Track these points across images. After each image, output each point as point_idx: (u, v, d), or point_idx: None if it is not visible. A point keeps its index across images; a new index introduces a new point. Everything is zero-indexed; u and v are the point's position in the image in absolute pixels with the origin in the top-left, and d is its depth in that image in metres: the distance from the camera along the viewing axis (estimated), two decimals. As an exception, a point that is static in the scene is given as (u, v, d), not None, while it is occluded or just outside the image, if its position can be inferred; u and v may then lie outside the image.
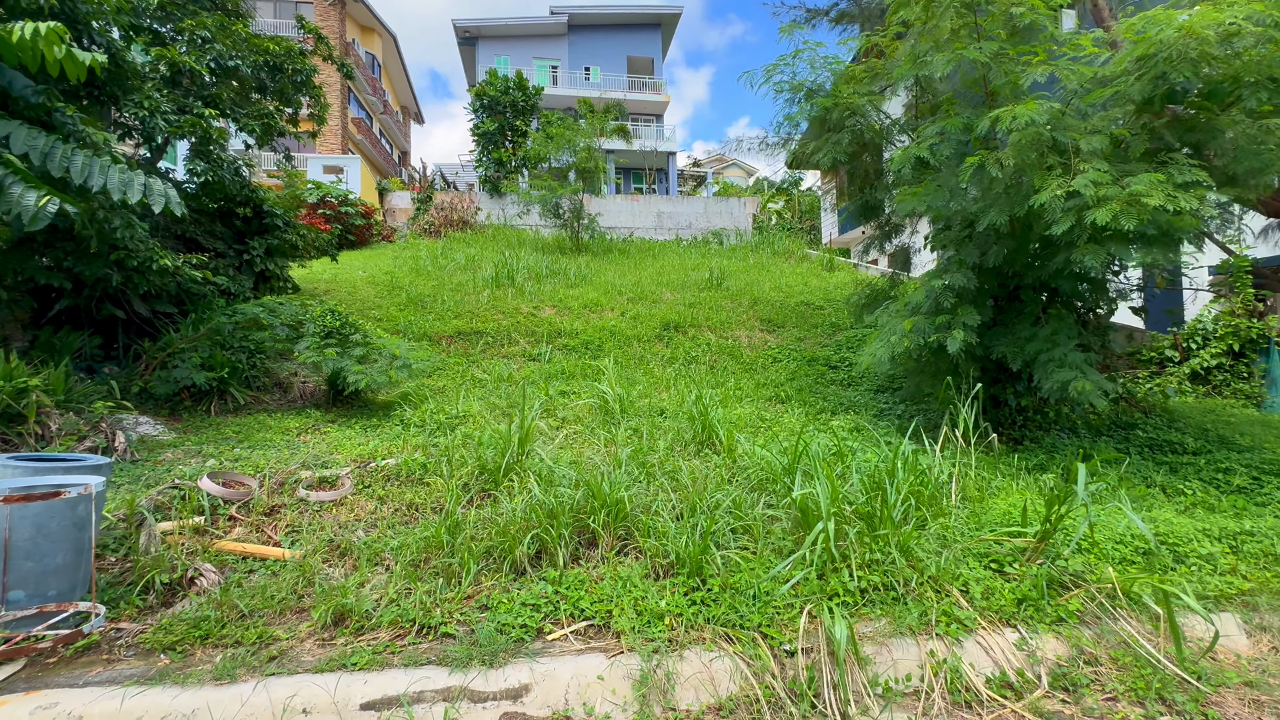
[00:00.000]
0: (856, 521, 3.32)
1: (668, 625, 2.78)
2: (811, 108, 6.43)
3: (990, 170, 4.35)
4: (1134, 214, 3.82)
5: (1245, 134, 3.95)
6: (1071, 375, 4.55)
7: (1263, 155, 3.88)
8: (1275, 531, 3.69)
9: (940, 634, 2.80)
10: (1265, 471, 4.52)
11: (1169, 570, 3.43)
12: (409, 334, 9.66)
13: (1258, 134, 3.90)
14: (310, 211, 16.32)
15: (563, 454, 4.98)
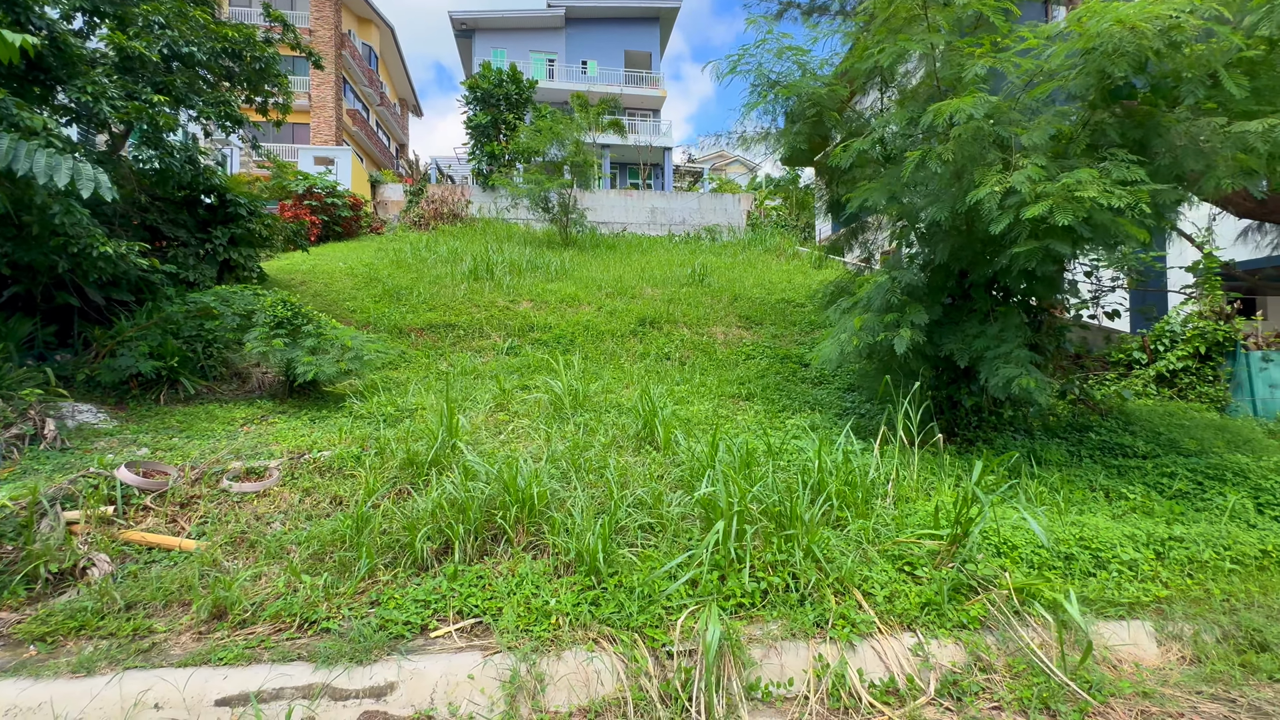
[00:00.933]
0: (765, 521, 3.25)
1: (553, 624, 2.72)
2: (775, 99, 6.32)
3: (932, 165, 4.26)
4: (1069, 209, 3.73)
5: (1188, 132, 3.85)
6: (1016, 372, 4.46)
7: (1206, 156, 3.77)
8: (1204, 538, 3.61)
9: (834, 638, 2.73)
10: (1209, 477, 4.43)
11: (1090, 576, 3.35)
12: (380, 326, 9.63)
13: (1198, 133, 3.79)
14: (296, 202, 16.29)
15: (502, 448, 4.93)
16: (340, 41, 26.63)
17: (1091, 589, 3.22)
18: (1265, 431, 5.58)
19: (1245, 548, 3.56)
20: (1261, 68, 3.91)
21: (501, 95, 23.87)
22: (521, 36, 30.08)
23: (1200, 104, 3.89)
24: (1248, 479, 4.28)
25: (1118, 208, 3.68)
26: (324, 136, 25.53)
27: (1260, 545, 3.59)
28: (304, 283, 11.74)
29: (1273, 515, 3.94)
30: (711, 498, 3.20)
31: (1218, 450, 4.86)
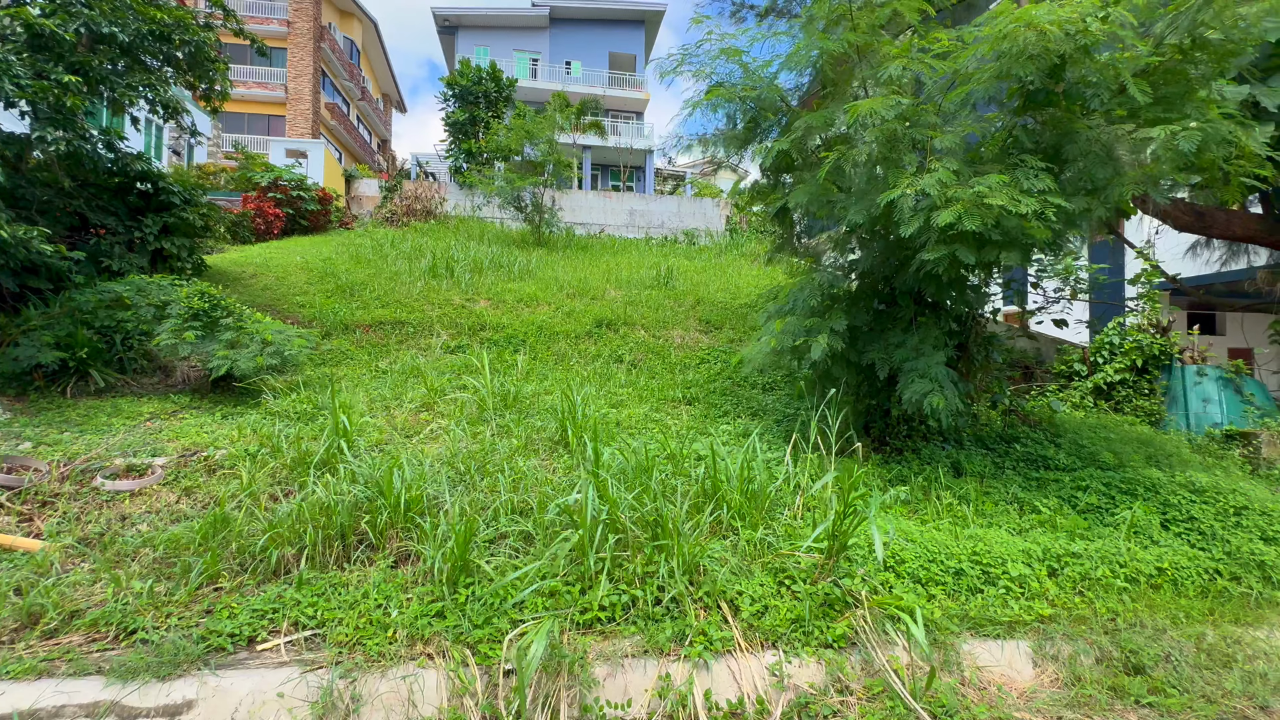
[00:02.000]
0: (637, 531, 3.11)
1: (390, 637, 2.56)
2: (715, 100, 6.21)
3: (845, 167, 4.16)
4: (977, 216, 3.64)
5: (1098, 140, 3.77)
6: (928, 388, 4.37)
7: (1114, 163, 3.69)
8: (1101, 554, 3.52)
9: (689, 655, 2.60)
10: (1121, 491, 4.35)
11: (977, 592, 3.25)
12: (327, 321, 9.40)
13: (1109, 140, 3.72)
14: (260, 194, 15.98)
15: (408, 450, 4.76)
16: (319, 34, 26.31)
17: (974, 606, 3.11)
18: (1191, 446, 5.54)
19: (1141, 565, 3.47)
20: (1171, 76, 3.85)
21: (481, 93, 23.68)
22: (505, 35, 29.91)
23: (1111, 110, 3.82)
24: (1158, 494, 4.21)
25: (1024, 214, 3.60)
26: (300, 129, 25.18)
27: (1157, 563, 3.51)
28: (255, 276, 11.48)
29: (1177, 532, 3.87)
30: (574, 507, 3.05)
31: (1135, 464, 4.80)
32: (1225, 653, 3.02)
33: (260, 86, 25.33)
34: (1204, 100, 3.75)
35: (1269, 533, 3.71)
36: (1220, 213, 6.68)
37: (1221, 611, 3.28)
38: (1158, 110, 3.68)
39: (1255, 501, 3.97)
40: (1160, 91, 3.84)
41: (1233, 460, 5.26)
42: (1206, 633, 3.12)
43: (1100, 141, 3.80)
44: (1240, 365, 6.23)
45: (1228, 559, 3.56)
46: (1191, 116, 3.54)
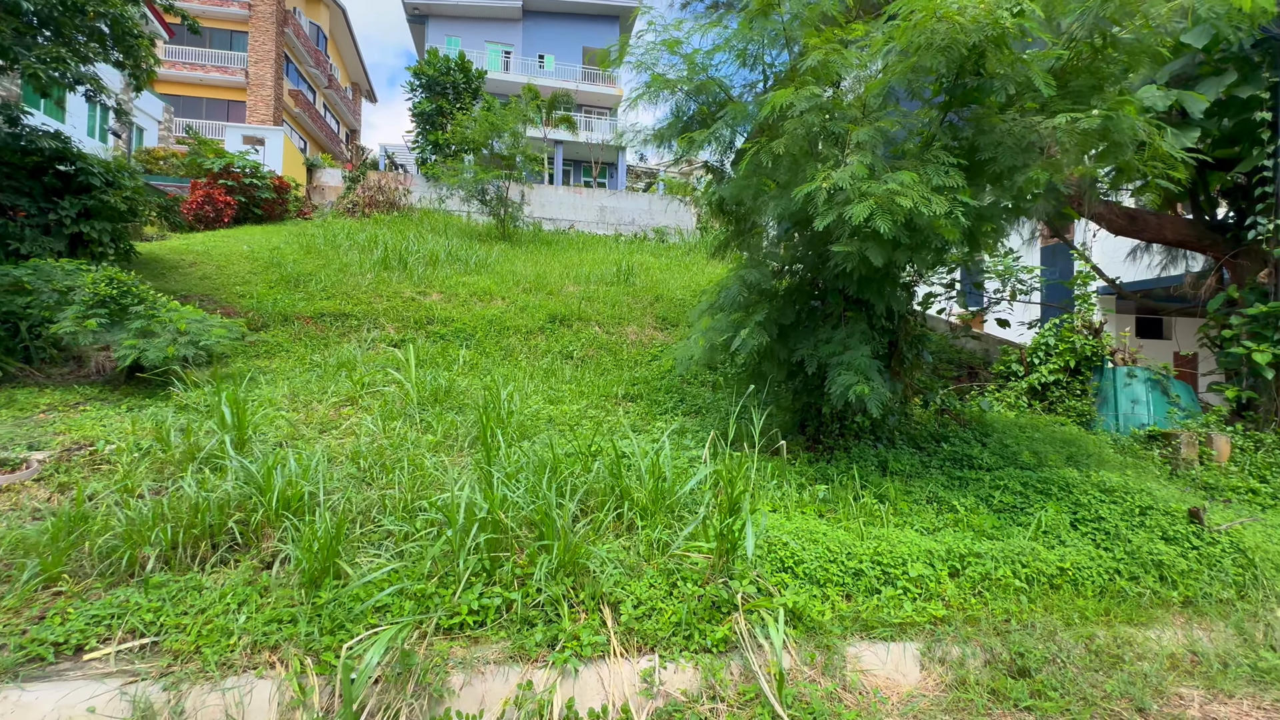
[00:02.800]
0: (520, 531, 2.97)
1: (232, 644, 2.38)
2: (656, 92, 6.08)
3: (763, 160, 4.07)
4: (888, 214, 3.57)
5: (1012, 132, 3.74)
6: (854, 380, 4.31)
7: (1023, 154, 3.66)
8: (1005, 554, 3.48)
9: (556, 662, 2.47)
10: (1037, 491, 4.35)
11: (875, 593, 3.18)
12: (266, 312, 9.06)
13: (1021, 133, 3.69)
14: (211, 181, 15.43)
15: (313, 445, 4.55)
16: (283, 18, 25.57)
17: (869, 607, 3.04)
18: (1116, 446, 5.60)
19: (1043, 565, 3.45)
20: (1083, 72, 3.84)
21: (449, 84, 23.24)
22: (477, 26, 29.44)
23: (1023, 104, 3.79)
24: (1071, 494, 4.21)
25: (934, 214, 3.54)
26: (261, 116, 24.45)
27: (1059, 563, 3.48)
28: (194, 265, 11.06)
29: (1084, 531, 3.86)
30: (449, 506, 2.89)
31: (1053, 464, 4.81)
32: (1114, 654, 3.00)
33: (219, 70, 24.54)
34: (1114, 96, 3.74)
35: (1170, 532, 3.72)
36: (1152, 216, 6.79)
37: (1116, 612, 3.27)
38: (1066, 104, 3.66)
39: (1160, 501, 3.99)
40: (1072, 85, 3.82)
41: (1152, 460, 5.33)
42: (1098, 634, 3.10)
43: (1013, 134, 3.77)
44: (1167, 367, 6.34)
45: (1128, 559, 3.56)
46: (1097, 108, 3.52)
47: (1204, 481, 5.01)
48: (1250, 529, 4.00)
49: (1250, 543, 3.77)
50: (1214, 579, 3.53)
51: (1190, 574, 3.52)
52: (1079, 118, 3.34)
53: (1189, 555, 3.62)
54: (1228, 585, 3.51)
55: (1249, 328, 5.67)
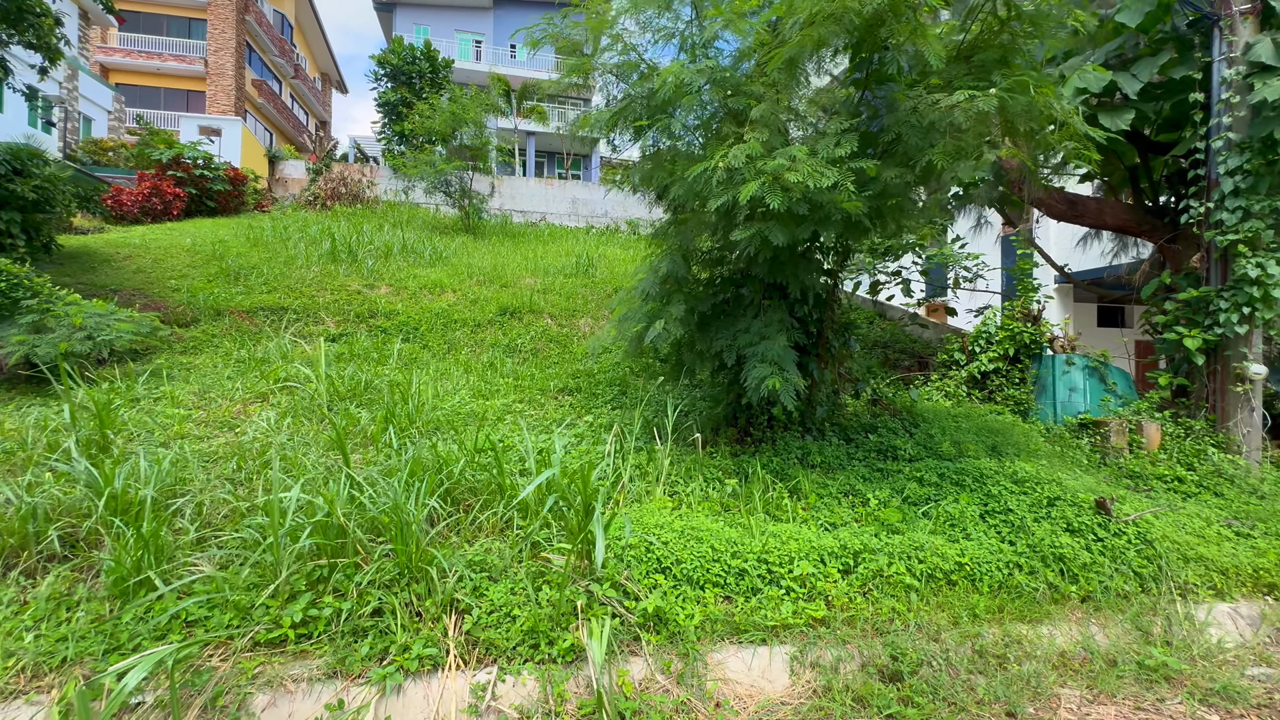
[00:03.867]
0: (362, 534, 2.76)
1: (8, 666, 2.15)
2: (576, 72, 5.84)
3: (661, 138, 3.86)
4: (778, 191, 3.38)
5: (915, 109, 3.56)
6: (768, 371, 4.13)
7: (926, 133, 3.49)
8: (901, 550, 3.33)
9: (376, 678, 2.26)
10: (953, 482, 4.21)
11: (755, 593, 3.01)
12: (199, 306, 8.72)
13: (925, 109, 3.51)
14: (159, 172, 14.92)
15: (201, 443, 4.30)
16: (244, 5, 24.84)
17: (745, 609, 2.87)
18: (1048, 436, 5.49)
19: (940, 561, 3.30)
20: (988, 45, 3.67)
21: (415, 73, 22.75)
22: (447, 14, 28.87)
23: (929, 81, 3.62)
24: (984, 485, 4.08)
25: (825, 187, 3.35)
26: (221, 106, 23.78)
27: (959, 558, 3.34)
28: (129, 258, 10.66)
29: (993, 524, 3.72)
30: (272, 507, 2.66)
31: (974, 454, 4.68)
32: (999, 654, 2.85)
33: (178, 59, 23.82)
34: (1021, 72, 3.58)
35: (1075, 523, 3.59)
36: (1091, 201, 6.68)
37: (1011, 608, 3.13)
38: (968, 80, 3.49)
39: (1069, 491, 3.87)
40: (976, 60, 3.66)
41: (1080, 449, 5.22)
42: (988, 632, 2.96)
43: (918, 111, 3.59)
44: (1105, 354, 6.24)
45: (1030, 552, 3.42)
46: (998, 84, 3.35)
47: (1130, 470, 4.91)
48: (1161, 519, 3.89)
49: (1158, 533, 3.65)
50: (1116, 572, 3.41)
51: (1092, 567, 3.39)
52: (975, 95, 3.17)
53: (1093, 548, 3.50)
54: (1130, 578, 3.39)
55: (1181, 313, 5.58)
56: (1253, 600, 3.59)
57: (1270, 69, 5.15)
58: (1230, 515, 4.34)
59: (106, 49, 23.27)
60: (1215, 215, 5.37)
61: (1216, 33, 5.43)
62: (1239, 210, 5.22)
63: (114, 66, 23.65)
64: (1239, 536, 4.10)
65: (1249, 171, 5.18)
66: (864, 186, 3.57)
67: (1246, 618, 3.45)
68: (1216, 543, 3.87)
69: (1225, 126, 5.34)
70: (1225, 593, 3.56)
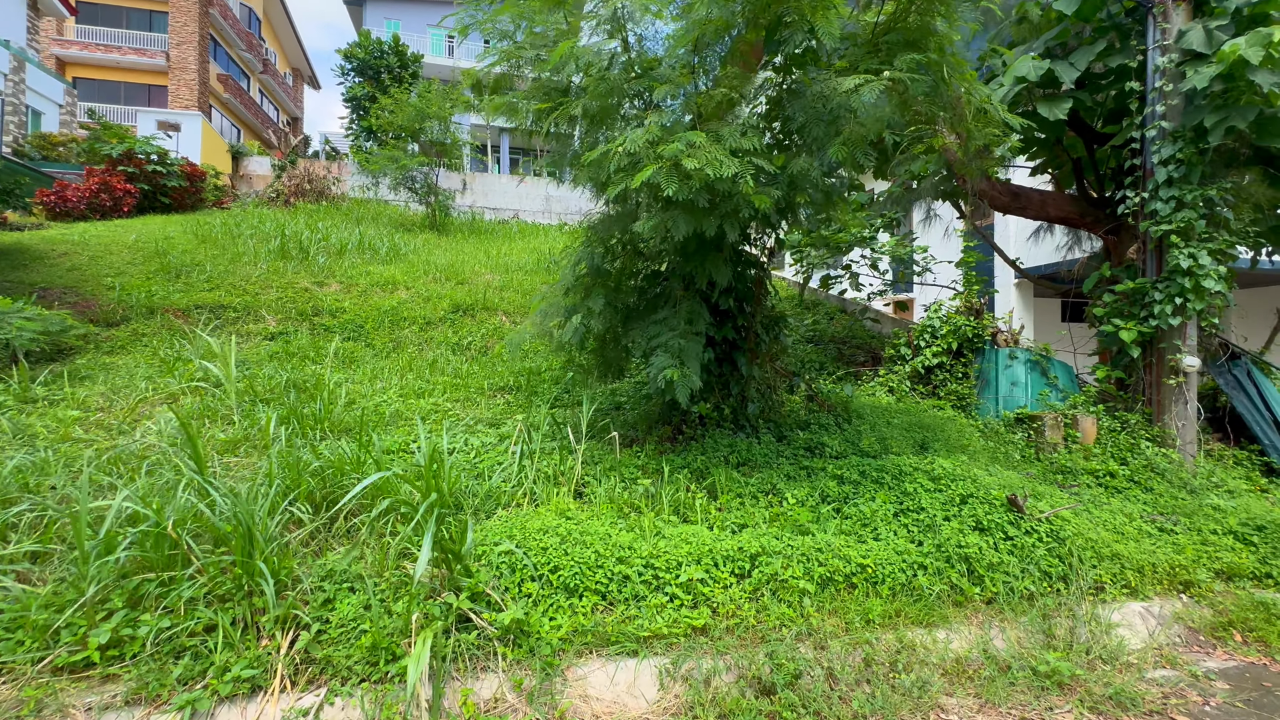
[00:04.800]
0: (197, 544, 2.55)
1: None
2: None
3: (560, 126, 3.68)
4: (675, 178, 3.21)
5: (819, 95, 3.41)
6: (668, 363, 3.96)
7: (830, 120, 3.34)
8: (802, 552, 3.18)
9: (179, 704, 2.06)
10: (872, 480, 4.07)
11: (635, 601, 2.84)
12: (133, 304, 8.40)
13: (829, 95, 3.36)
14: (109, 167, 14.46)
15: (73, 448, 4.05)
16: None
17: (617, 618, 2.69)
18: (986, 431, 5.38)
19: (841, 563, 3.15)
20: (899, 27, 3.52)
21: (382, 67, 22.34)
22: (418, 8, 28.42)
23: (834, 65, 3.47)
24: (901, 483, 3.94)
25: (730, 177, 3.19)
26: (184, 101, 23.19)
27: (861, 559, 3.19)
28: (64, 255, 10.28)
29: (905, 523, 3.58)
30: (79, 517, 2.43)
31: (896, 450, 4.56)
32: (889, 661, 2.71)
33: (137, 53, 23.19)
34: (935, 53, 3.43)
35: (985, 521, 3.46)
36: (1035, 193, 6.60)
37: (909, 612, 2.99)
38: (873, 61, 3.34)
39: (983, 488, 3.74)
40: (885, 40, 3.51)
41: (1014, 445, 5.12)
42: (881, 638, 2.82)
43: (823, 98, 3.44)
44: (1046, 347, 6.16)
45: (936, 552, 3.29)
46: (900, 68, 3.20)
47: (1062, 465, 4.81)
48: (1080, 516, 3.78)
49: (1072, 531, 3.54)
50: (1024, 572, 3.28)
51: (1000, 567, 3.26)
52: (861, 83, 3.01)
53: (1001, 546, 3.37)
54: (1038, 578, 3.27)
55: (1118, 305, 5.50)
56: (1168, 598, 3.49)
57: (1202, 57, 5.07)
58: (1155, 511, 4.25)
59: (62, 41, 22.59)
60: (1150, 205, 5.29)
61: (1151, 20, 5.35)
62: (1172, 200, 5.14)
63: (70, 60, 22.98)
64: (1162, 532, 4.01)
65: (1182, 161, 5.10)
66: (773, 178, 3.41)
67: (1158, 617, 3.34)
68: (1136, 539, 3.77)
69: (1159, 115, 5.26)
70: (1139, 591, 3.45)
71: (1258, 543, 3.92)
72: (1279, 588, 3.65)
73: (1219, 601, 3.45)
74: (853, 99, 3.09)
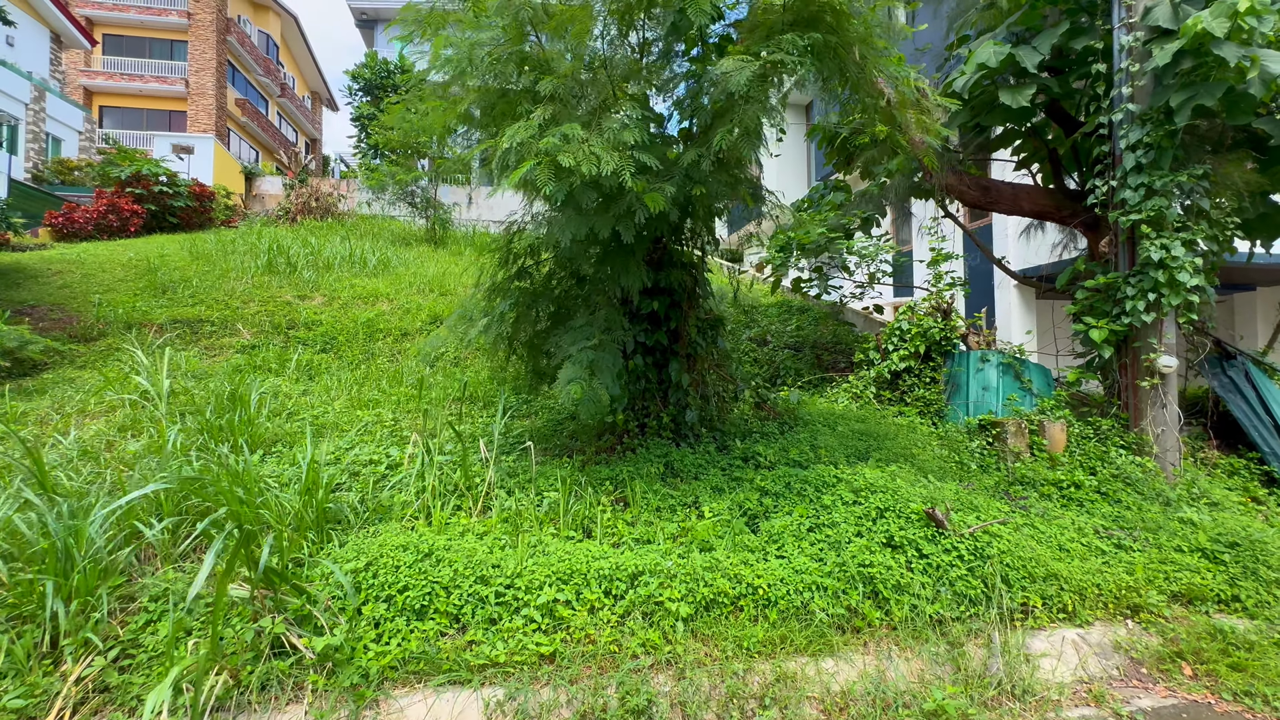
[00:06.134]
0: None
1: None
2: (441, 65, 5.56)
3: (450, 122, 3.54)
4: (548, 173, 3.03)
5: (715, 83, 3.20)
6: (577, 375, 3.76)
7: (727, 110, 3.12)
8: (687, 571, 2.92)
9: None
10: (796, 492, 3.78)
11: (494, 624, 2.62)
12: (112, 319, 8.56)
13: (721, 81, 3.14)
14: (118, 189, 14.96)
15: None
16: (224, 26, 25.19)
17: (455, 645, 2.48)
18: (946, 440, 5.01)
19: (730, 585, 2.89)
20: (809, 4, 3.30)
21: (390, 86, 22.81)
22: (428, 29, 28.99)
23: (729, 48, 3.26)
24: (821, 497, 3.65)
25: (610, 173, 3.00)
26: (203, 125, 24.04)
27: (755, 580, 2.92)
28: (58, 274, 10.60)
29: (815, 539, 3.29)
30: None
31: (827, 460, 4.25)
32: (758, 695, 2.44)
33: (159, 80, 24.14)
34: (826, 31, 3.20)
35: (898, 537, 3.15)
36: (1006, 186, 6.24)
37: (797, 639, 2.70)
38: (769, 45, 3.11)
39: (902, 501, 3.42)
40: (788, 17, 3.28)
41: (971, 454, 4.75)
42: (758, 668, 2.54)
43: (715, 84, 3.23)
44: (1020, 349, 5.76)
45: (839, 571, 2.99)
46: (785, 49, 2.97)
47: (1021, 475, 4.43)
48: (1018, 531, 3.43)
49: (1002, 548, 3.20)
50: (938, 595, 2.96)
51: (908, 588, 2.95)
52: (747, 62, 2.80)
53: (915, 565, 3.06)
54: (951, 602, 2.95)
55: (1091, 302, 5.11)
56: (1112, 624, 3.12)
57: (1169, 33, 4.71)
58: (1115, 525, 3.86)
59: (89, 72, 23.66)
60: (1119, 194, 4.91)
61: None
62: (1141, 187, 4.76)
63: (97, 89, 24.03)
64: (1119, 549, 3.63)
65: (1150, 145, 4.73)
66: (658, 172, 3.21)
67: (1096, 646, 2.98)
68: (1081, 557, 3.41)
69: (1126, 98, 4.90)
70: (1078, 616, 3.10)
71: (1228, 561, 3.52)
72: (1247, 613, 3.25)
73: (1170, 628, 3.08)
74: (730, 82, 2.87)
